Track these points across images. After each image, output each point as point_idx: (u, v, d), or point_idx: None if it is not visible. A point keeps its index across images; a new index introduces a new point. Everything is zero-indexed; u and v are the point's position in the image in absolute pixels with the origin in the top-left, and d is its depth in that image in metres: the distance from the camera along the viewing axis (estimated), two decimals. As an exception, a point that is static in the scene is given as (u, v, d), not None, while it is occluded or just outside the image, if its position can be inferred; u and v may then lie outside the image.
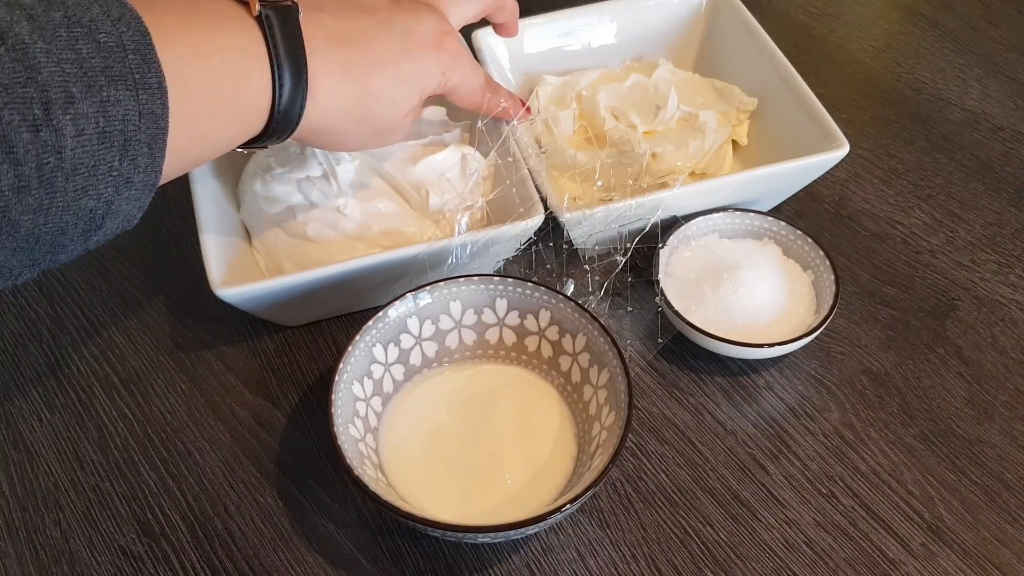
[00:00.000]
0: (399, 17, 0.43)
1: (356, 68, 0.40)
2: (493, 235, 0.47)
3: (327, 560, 0.43)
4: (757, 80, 0.59)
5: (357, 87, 0.41)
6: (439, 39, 0.44)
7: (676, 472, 0.46)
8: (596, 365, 0.44)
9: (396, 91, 0.42)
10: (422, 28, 0.44)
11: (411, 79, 0.43)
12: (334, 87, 0.40)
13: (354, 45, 0.41)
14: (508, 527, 0.37)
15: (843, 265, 0.55)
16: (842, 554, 0.44)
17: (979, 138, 0.64)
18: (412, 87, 0.43)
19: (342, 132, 0.42)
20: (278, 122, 0.38)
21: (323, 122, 0.40)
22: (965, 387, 0.50)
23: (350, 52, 0.40)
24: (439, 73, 0.44)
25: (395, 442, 0.44)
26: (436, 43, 0.44)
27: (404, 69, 0.42)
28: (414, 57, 0.43)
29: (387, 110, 0.43)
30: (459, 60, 0.46)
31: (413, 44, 0.43)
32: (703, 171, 0.57)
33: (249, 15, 0.37)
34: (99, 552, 0.43)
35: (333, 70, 0.40)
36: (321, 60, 0.39)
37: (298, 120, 0.39)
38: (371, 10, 0.42)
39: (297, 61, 0.37)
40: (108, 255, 0.56)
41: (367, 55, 0.41)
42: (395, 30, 0.42)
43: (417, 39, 0.43)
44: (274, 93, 0.37)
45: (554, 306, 0.46)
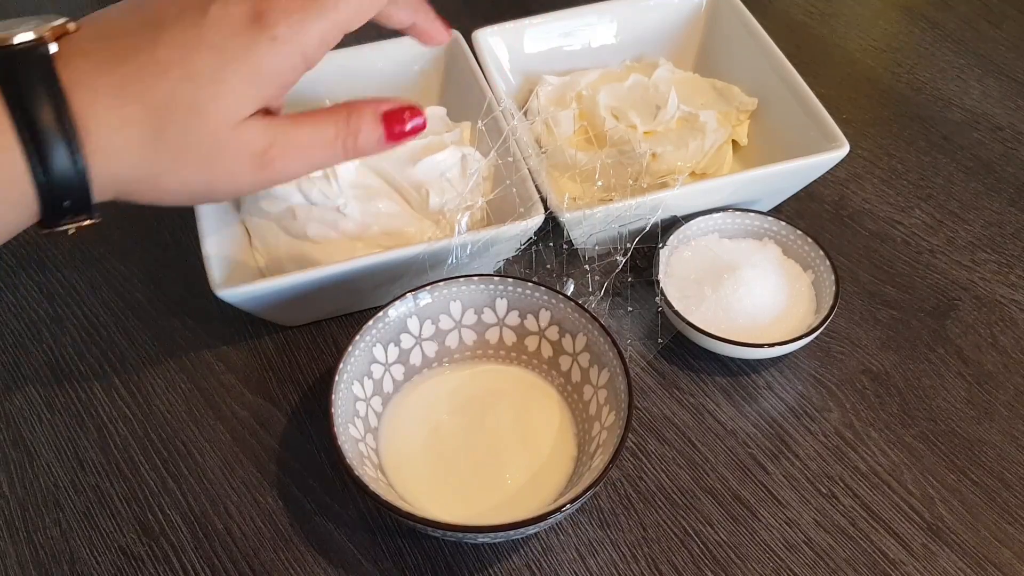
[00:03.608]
0: (191, 3, 0.34)
1: (133, 84, 0.32)
2: (493, 235, 0.47)
3: (327, 560, 0.43)
4: (757, 80, 0.59)
5: (139, 107, 0.32)
6: (255, 10, 0.34)
7: (676, 472, 0.46)
8: (596, 365, 0.44)
9: (195, 93, 0.33)
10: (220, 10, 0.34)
11: (219, 71, 0.33)
12: (112, 118, 0.32)
13: (129, 59, 0.32)
14: (508, 527, 0.37)
15: (843, 265, 0.55)
16: (842, 554, 0.44)
17: (979, 138, 0.64)
18: (225, 82, 0.33)
19: (155, 173, 0.33)
20: (58, 189, 0.31)
21: (121, 166, 0.32)
22: (965, 387, 0.50)
23: (124, 69, 0.32)
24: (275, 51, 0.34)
25: (395, 442, 0.44)
26: (252, 18, 0.34)
27: (200, 62, 0.33)
28: (215, 44, 0.33)
29: (194, 120, 0.33)
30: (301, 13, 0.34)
31: (211, 28, 0.33)
32: (703, 171, 0.57)
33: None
34: (99, 552, 0.43)
35: (104, 100, 0.32)
36: (88, 91, 0.31)
37: (82, 178, 0.31)
38: (159, 11, 0.34)
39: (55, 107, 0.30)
40: (108, 255, 0.56)
41: (145, 64, 0.32)
42: (183, 20, 0.33)
43: (215, 18, 0.33)
44: (28, 154, 0.30)
45: (554, 306, 0.46)
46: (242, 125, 0.34)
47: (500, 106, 0.53)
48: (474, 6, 0.73)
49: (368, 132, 0.37)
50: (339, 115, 0.37)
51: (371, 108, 0.38)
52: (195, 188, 0.35)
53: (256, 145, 0.34)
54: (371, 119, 0.37)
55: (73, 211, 0.32)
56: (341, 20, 0.36)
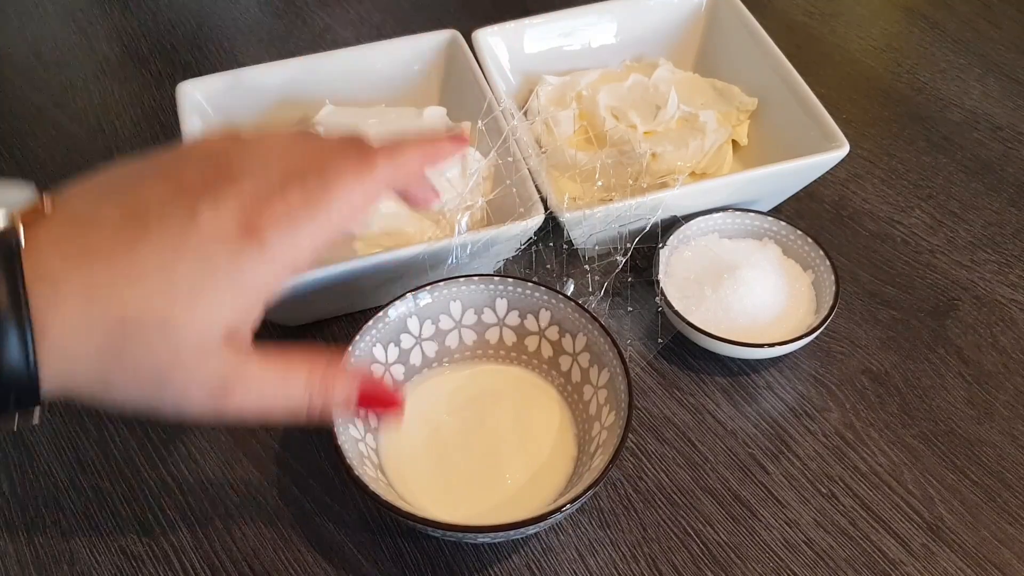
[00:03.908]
0: (179, 204, 0.31)
1: (102, 290, 0.29)
2: (493, 235, 0.47)
3: (327, 560, 0.43)
4: (757, 80, 0.59)
5: (103, 314, 0.29)
6: (247, 219, 0.31)
7: (676, 472, 0.46)
8: (596, 365, 0.44)
9: (171, 307, 0.30)
10: (212, 211, 0.30)
11: (200, 283, 0.30)
12: (74, 320, 0.29)
13: (103, 258, 0.30)
14: (508, 527, 0.37)
15: (843, 265, 0.55)
16: (842, 554, 0.44)
17: (979, 138, 0.64)
18: (203, 295, 0.30)
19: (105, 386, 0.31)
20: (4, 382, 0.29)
21: (73, 372, 0.30)
22: (965, 387, 0.50)
23: (97, 268, 0.29)
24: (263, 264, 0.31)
25: (395, 442, 0.44)
26: (242, 227, 0.31)
27: (182, 273, 0.30)
28: (200, 253, 0.30)
29: (161, 341, 0.30)
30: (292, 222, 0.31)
31: (198, 235, 0.30)
32: (703, 171, 0.57)
33: None
34: (99, 552, 0.43)
35: (69, 300, 0.29)
36: (52, 289, 0.29)
37: (32, 375, 0.29)
38: (143, 205, 0.31)
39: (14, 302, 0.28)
40: (108, 255, 0.56)
41: (121, 267, 0.29)
42: (169, 222, 0.30)
43: (204, 225, 0.30)
44: None
45: (554, 306, 0.46)
46: (207, 350, 0.31)
47: (500, 106, 0.53)
48: (474, 6, 0.73)
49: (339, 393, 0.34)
50: (314, 367, 0.34)
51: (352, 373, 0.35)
52: (140, 406, 0.32)
53: (214, 378, 0.31)
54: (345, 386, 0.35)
55: (19, 406, 0.30)
56: (333, 225, 0.33)
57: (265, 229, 0.31)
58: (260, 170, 0.32)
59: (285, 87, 0.57)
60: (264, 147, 0.34)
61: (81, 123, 0.64)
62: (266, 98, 0.57)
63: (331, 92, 0.57)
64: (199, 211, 0.30)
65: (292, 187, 0.32)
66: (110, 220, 0.30)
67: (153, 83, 0.67)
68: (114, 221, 0.30)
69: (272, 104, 0.57)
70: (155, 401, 0.32)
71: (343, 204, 0.32)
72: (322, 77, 0.58)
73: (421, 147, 0.36)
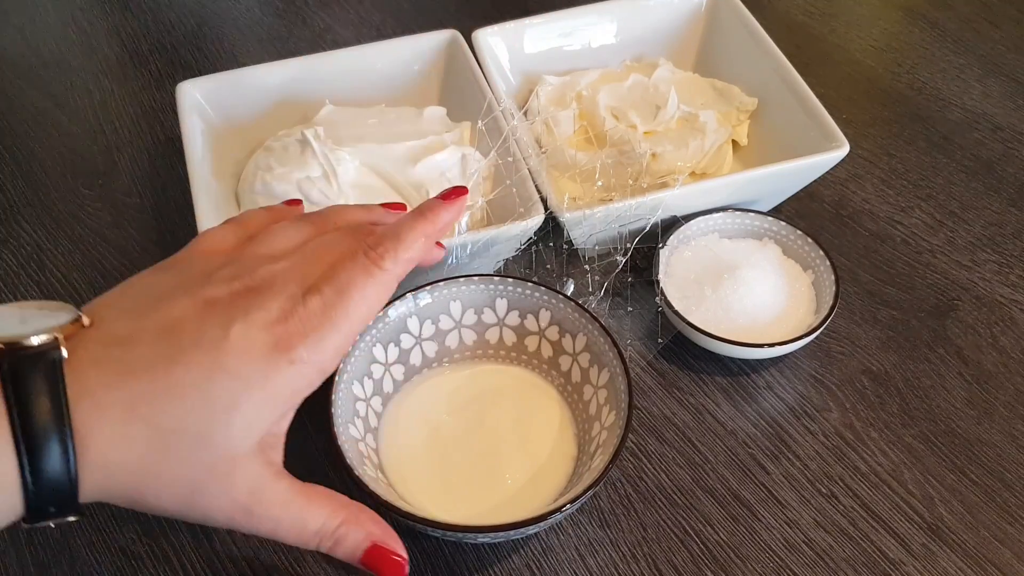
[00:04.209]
0: (210, 323, 0.32)
1: (143, 405, 0.31)
2: (493, 235, 0.47)
3: (327, 560, 0.43)
4: (757, 80, 0.59)
5: (144, 428, 0.31)
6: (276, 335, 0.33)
7: (676, 472, 0.46)
8: (596, 365, 0.44)
9: (209, 423, 0.32)
10: (243, 328, 0.32)
11: (234, 399, 0.32)
12: (116, 433, 0.31)
13: (144, 375, 0.31)
14: (508, 527, 0.37)
15: (843, 265, 0.55)
16: (842, 554, 0.44)
17: (979, 138, 0.64)
18: (238, 410, 0.32)
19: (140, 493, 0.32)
20: (44, 494, 0.30)
21: (111, 481, 0.31)
22: (965, 387, 0.50)
23: (137, 385, 0.31)
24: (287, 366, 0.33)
25: (395, 442, 0.44)
26: (274, 344, 0.33)
27: (218, 390, 0.32)
28: (234, 369, 0.32)
29: (197, 452, 0.32)
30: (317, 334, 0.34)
31: (228, 353, 0.32)
32: (703, 171, 0.57)
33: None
34: (99, 552, 0.43)
35: (109, 414, 0.31)
36: (93, 404, 0.30)
37: (73, 487, 0.30)
38: (176, 325, 0.32)
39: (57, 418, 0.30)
40: (108, 255, 0.56)
41: (161, 384, 0.31)
42: (203, 342, 0.32)
43: (237, 344, 0.32)
44: (21, 462, 0.29)
45: (554, 306, 0.46)
46: (241, 460, 0.33)
47: (500, 106, 0.53)
48: (474, 6, 0.73)
49: (349, 547, 0.36)
50: (334, 514, 0.35)
51: (367, 530, 0.36)
52: (172, 512, 0.33)
53: (244, 491, 0.33)
54: (360, 540, 0.36)
55: (58, 515, 0.31)
56: (355, 329, 0.35)
57: (294, 344, 0.33)
58: (280, 284, 0.34)
59: (285, 87, 0.57)
60: (277, 252, 0.37)
61: (81, 123, 0.64)
62: (266, 98, 0.57)
63: (331, 92, 0.57)
64: (231, 331, 0.32)
65: (312, 299, 0.34)
66: (146, 339, 0.32)
67: (153, 83, 0.67)
68: (150, 340, 0.32)
69: (272, 104, 0.57)
70: (186, 509, 0.33)
71: (360, 306, 0.35)
72: (322, 77, 0.58)
73: (422, 225, 0.38)
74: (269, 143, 0.53)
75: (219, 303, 0.33)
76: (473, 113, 0.53)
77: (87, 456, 0.30)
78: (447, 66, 0.59)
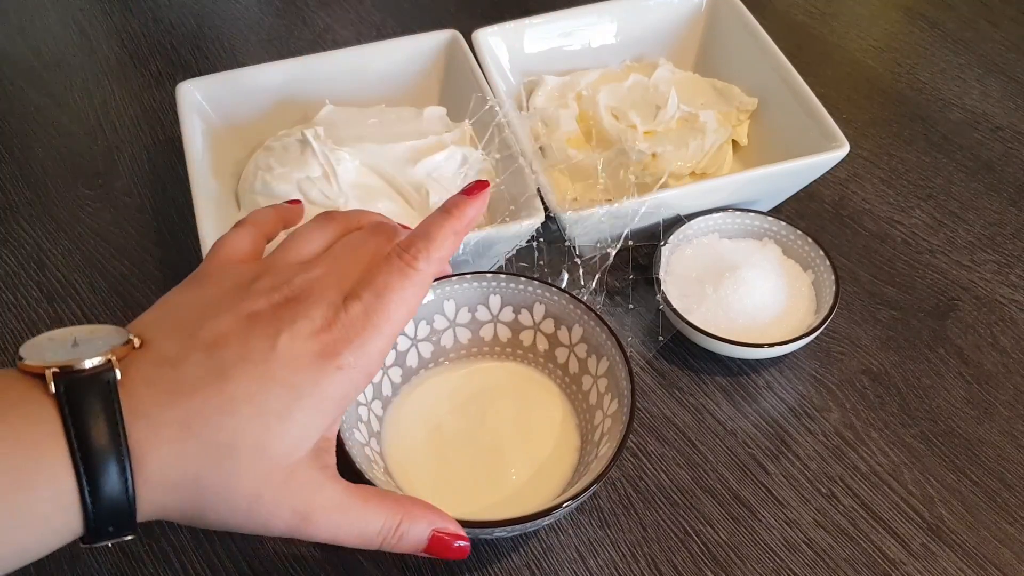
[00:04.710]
0: (255, 337, 0.33)
1: (197, 421, 0.31)
2: (492, 235, 0.47)
3: (327, 560, 0.43)
4: (757, 80, 0.59)
5: (199, 444, 0.31)
6: (322, 342, 0.33)
7: (676, 472, 0.46)
8: (594, 355, 0.44)
9: (265, 432, 0.32)
10: (288, 339, 0.33)
11: (287, 408, 0.32)
12: (171, 451, 0.31)
13: (196, 392, 0.32)
14: (525, 519, 0.37)
15: (843, 265, 0.55)
16: (842, 554, 0.44)
17: (979, 138, 0.64)
18: (293, 418, 0.33)
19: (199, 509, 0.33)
20: (103, 514, 0.30)
21: (168, 499, 0.32)
22: (965, 387, 0.50)
23: (190, 402, 0.31)
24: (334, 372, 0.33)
25: (398, 445, 0.44)
26: (321, 352, 0.33)
27: (271, 400, 0.32)
28: (286, 380, 0.32)
29: (255, 463, 0.32)
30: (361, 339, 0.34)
31: (278, 363, 0.32)
32: (703, 171, 0.57)
33: (45, 393, 0.30)
34: (99, 552, 0.43)
35: (165, 432, 0.31)
36: (148, 424, 0.31)
37: (131, 507, 0.31)
38: (221, 341, 0.33)
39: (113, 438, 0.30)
40: (108, 255, 0.56)
41: (212, 400, 0.32)
42: (252, 355, 0.32)
43: (285, 355, 0.33)
44: (80, 484, 0.30)
45: (548, 299, 0.46)
46: (296, 468, 0.33)
47: (500, 106, 0.53)
48: (474, 6, 0.73)
49: (412, 542, 0.36)
50: (393, 513, 0.36)
51: (427, 520, 0.36)
52: (230, 526, 0.34)
53: (300, 500, 0.34)
54: (422, 531, 0.36)
55: (116, 535, 0.31)
56: (396, 330, 0.36)
57: (340, 351, 0.33)
58: (319, 291, 0.35)
59: (285, 87, 0.57)
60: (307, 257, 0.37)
61: (81, 123, 0.64)
62: (266, 98, 0.57)
63: (331, 92, 0.57)
64: (277, 342, 0.33)
65: (353, 305, 0.34)
66: (194, 358, 0.32)
67: (153, 83, 0.67)
68: (199, 358, 0.32)
69: (272, 104, 0.57)
70: (245, 520, 0.33)
71: (400, 308, 0.35)
72: (322, 77, 0.58)
73: (450, 223, 0.38)
74: (269, 143, 0.53)
75: (262, 316, 0.34)
76: (473, 113, 0.53)
77: (144, 475, 0.31)
78: (447, 66, 0.59)
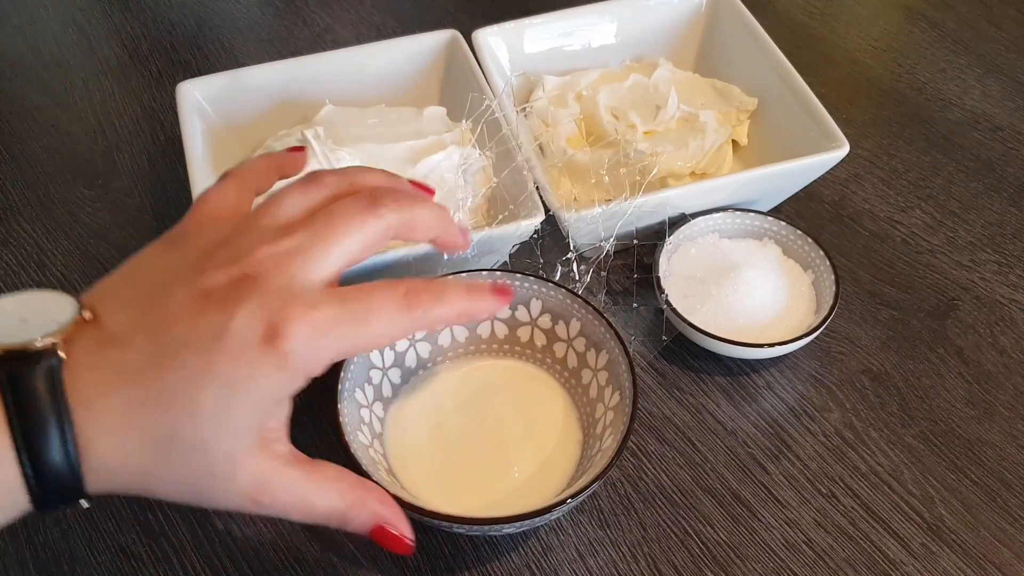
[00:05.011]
0: (204, 320, 0.31)
1: (137, 412, 0.31)
2: (492, 235, 0.47)
3: (327, 560, 0.43)
4: (757, 80, 0.59)
5: (141, 437, 0.31)
6: (267, 329, 0.31)
7: (676, 472, 0.46)
8: (593, 348, 0.44)
9: (200, 429, 0.31)
10: (233, 325, 0.31)
11: (224, 405, 0.31)
12: (114, 441, 0.31)
13: (136, 381, 0.31)
14: (531, 515, 0.37)
15: (843, 265, 0.55)
16: (842, 554, 0.44)
17: (979, 138, 0.64)
18: (229, 415, 0.31)
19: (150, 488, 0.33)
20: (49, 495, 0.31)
21: (118, 479, 0.32)
22: (965, 387, 0.50)
23: (130, 392, 0.31)
24: (274, 372, 0.32)
25: (401, 445, 0.44)
26: (263, 338, 0.31)
27: (207, 396, 0.31)
28: (222, 373, 0.31)
29: (194, 456, 0.32)
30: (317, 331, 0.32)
31: (220, 354, 0.31)
32: (703, 171, 0.57)
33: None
34: (99, 552, 0.43)
35: (106, 422, 0.31)
36: (89, 413, 0.30)
37: (79, 486, 0.31)
38: (170, 321, 0.32)
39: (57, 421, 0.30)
40: (108, 255, 0.56)
41: (152, 391, 0.31)
42: (195, 343, 0.31)
43: (226, 345, 0.31)
44: (25, 473, 0.30)
45: (544, 295, 0.46)
46: (239, 461, 0.32)
47: (500, 106, 0.53)
48: (474, 6, 0.73)
49: (357, 528, 0.36)
50: (342, 499, 0.35)
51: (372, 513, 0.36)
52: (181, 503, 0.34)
53: (250, 484, 0.33)
54: (366, 522, 0.36)
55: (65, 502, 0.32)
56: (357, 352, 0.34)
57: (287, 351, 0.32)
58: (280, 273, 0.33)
59: (285, 87, 0.57)
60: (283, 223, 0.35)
61: (81, 123, 0.64)
62: (266, 98, 0.57)
63: (331, 92, 0.57)
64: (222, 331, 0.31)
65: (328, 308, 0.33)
66: (139, 340, 0.32)
67: (153, 83, 0.67)
68: (143, 341, 0.32)
69: (272, 104, 0.57)
70: (194, 501, 0.33)
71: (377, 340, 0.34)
72: (322, 77, 0.58)
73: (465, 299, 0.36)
74: (269, 143, 0.53)
75: (215, 295, 0.32)
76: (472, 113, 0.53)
77: (88, 463, 0.31)
78: (447, 66, 0.59)
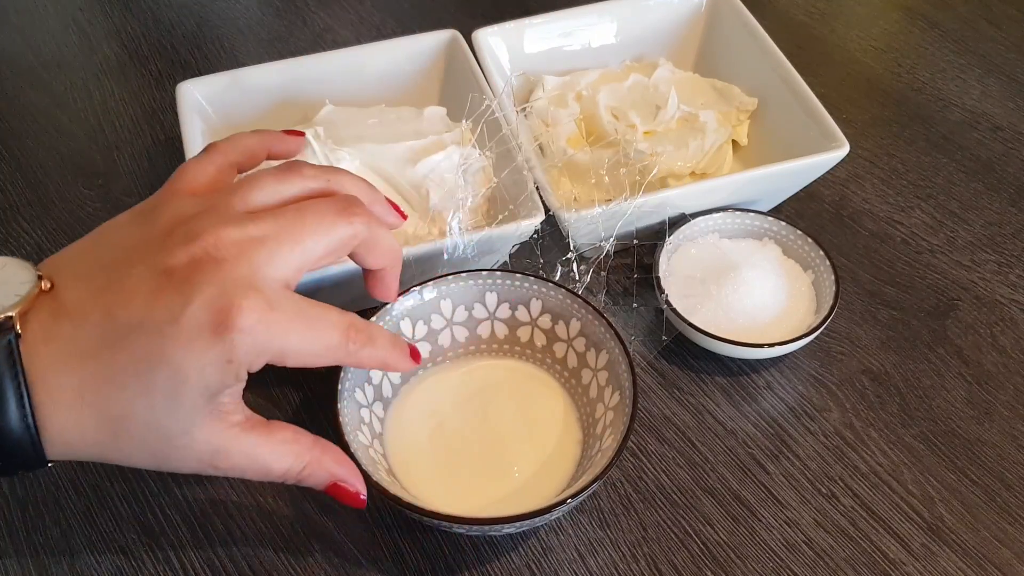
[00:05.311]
0: (159, 304, 0.32)
1: (91, 391, 0.32)
2: (492, 235, 0.47)
3: (327, 560, 0.43)
4: (757, 80, 0.59)
5: (95, 414, 0.32)
6: (221, 317, 0.32)
7: (676, 472, 0.46)
8: (593, 348, 0.44)
9: (152, 411, 0.32)
10: (190, 311, 0.32)
11: (174, 390, 0.32)
12: (69, 417, 0.32)
13: (92, 359, 0.32)
14: (532, 515, 0.37)
15: (843, 265, 0.55)
16: (842, 554, 0.44)
17: (979, 138, 0.64)
18: (180, 400, 0.32)
19: (111, 459, 0.34)
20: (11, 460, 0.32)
21: (77, 452, 0.33)
22: (965, 387, 0.50)
23: (83, 370, 0.32)
24: (223, 364, 0.32)
25: (401, 445, 0.44)
26: (215, 326, 0.32)
27: (158, 380, 0.32)
28: (174, 359, 0.32)
29: (149, 433, 0.33)
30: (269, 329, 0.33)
31: (173, 339, 0.32)
32: (703, 171, 0.57)
33: None
34: (99, 552, 0.43)
35: (60, 397, 0.32)
36: (45, 388, 0.32)
37: (38, 455, 0.33)
38: (126, 299, 0.33)
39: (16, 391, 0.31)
40: (108, 255, 0.56)
41: (105, 371, 0.32)
42: (150, 325, 0.32)
43: (181, 330, 0.32)
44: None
45: (544, 295, 0.46)
46: (193, 434, 0.33)
47: (500, 106, 0.53)
48: (474, 6, 0.73)
49: (313, 485, 0.37)
50: (298, 458, 0.36)
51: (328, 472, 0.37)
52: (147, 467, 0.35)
53: (206, 452, 0.34)
54: (322, 479, 0.37)
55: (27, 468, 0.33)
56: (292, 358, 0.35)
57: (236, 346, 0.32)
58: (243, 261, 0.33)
59: (285, 87, 0.57)
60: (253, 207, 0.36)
61: (81, 123, 0.64)
62: (266, 98, 0.57)
63: (331, 92, 0.57)
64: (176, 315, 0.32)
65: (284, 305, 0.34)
66: (94, 316, 0.33)
67: (153, 83, 0.67)
68: (98, 318, 0.33)
69: (272, 104, 0.57)
70: (156, 468, 0.35)
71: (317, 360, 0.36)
72: (322, 77, 0.58)
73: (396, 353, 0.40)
74: (269, 143, 0.53)
75: (174, 276, 0.33)
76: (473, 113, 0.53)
77: (47, 432, 0.32)
78: (447, 66, 0.59)
